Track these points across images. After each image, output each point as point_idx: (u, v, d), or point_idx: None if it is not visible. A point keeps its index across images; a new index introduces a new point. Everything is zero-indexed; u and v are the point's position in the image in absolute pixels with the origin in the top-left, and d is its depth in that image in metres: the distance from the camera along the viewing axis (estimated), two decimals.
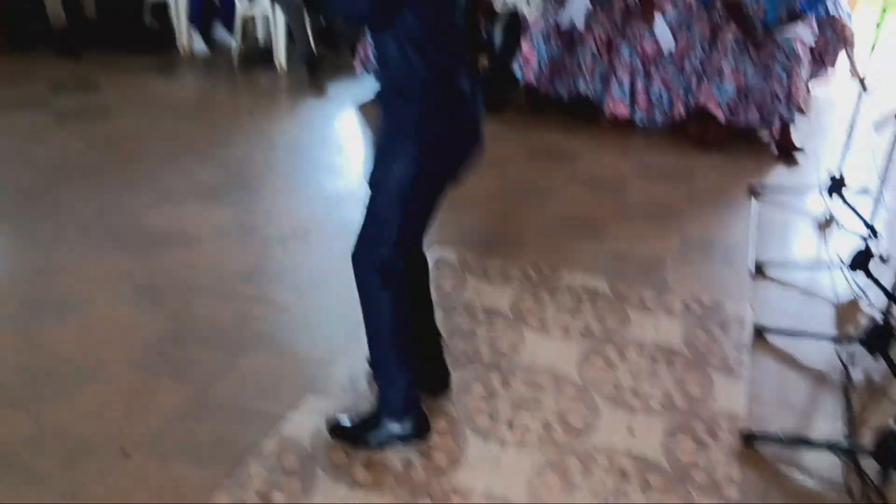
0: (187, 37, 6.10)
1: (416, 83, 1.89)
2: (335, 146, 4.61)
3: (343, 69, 5.74)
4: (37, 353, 2.52)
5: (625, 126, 4.92)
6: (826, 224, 3.76)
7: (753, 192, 4.07)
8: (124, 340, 2.61)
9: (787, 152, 4.61)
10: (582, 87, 4.96)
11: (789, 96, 4.50)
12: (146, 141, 4.42)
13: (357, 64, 5.25)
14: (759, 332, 2.79)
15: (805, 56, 4.62)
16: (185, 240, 3.31)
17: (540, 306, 2.94)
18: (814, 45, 4.83)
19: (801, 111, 4.79)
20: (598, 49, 4.89)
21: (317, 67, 5.66)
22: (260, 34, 6.36)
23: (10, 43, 5.78)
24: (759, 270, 3.25)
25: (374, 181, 1.99)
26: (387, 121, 1.98)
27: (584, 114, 5.04)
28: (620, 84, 4.85)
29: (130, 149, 4.28)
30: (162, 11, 6.18)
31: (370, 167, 2.00)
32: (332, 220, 3.60)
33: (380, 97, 2.04)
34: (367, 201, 2.03)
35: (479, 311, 2.89)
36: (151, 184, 3.85)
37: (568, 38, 4.92)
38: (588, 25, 4.89)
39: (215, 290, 2.94)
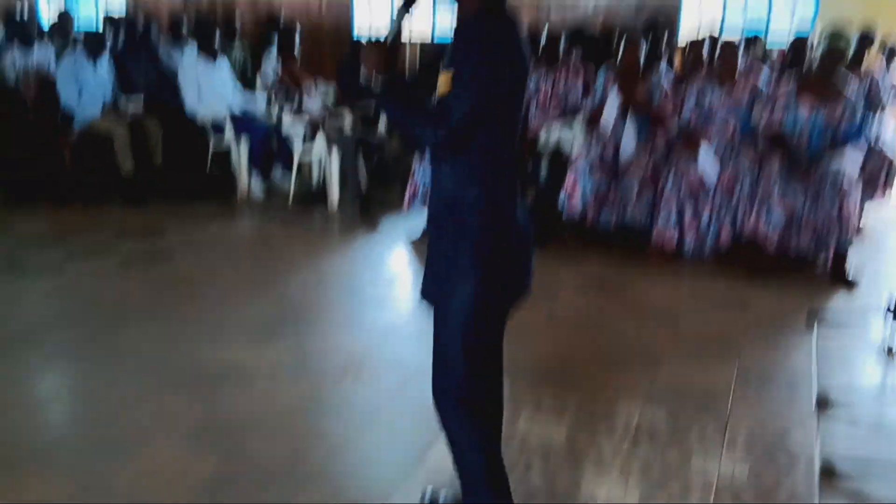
0: (247, 182, 6.41)
1: (474, 215, 1.93)
2: (385, 281, 4.71)
3: (393, 205, 5.94)
4: (87, 496, 2.51)
5: (673, 255, 4.93)
6: (891, 351, 3.64)
7: (811, 319, 3.98)
8: (178, 483, 2.60)
9: (842, 280, 4.54)
10: (628, 217, 5.02)
11: (841, 224, 4.48)
12: (205, 282, 4.57)
13: (406, 200, 5.43)
14: (827, 469, 2.66)
15: (854, 183, 4.63)
16: (240, 377, 3.35)
17: (596, 440, 2.86)
18: (863, 173, 4.85)
19: (855, 239, 4.74)
20: (643, 180, 4.98)
21: (368, 205, 5.86)
22: (314, 175, 6.65)
23: (81, 195, 6.12)
24: (824, 402, 3.14)
25: (437, 315, 2.03)
26: (444, 252, 2.01)
27: (631, 244, 5.08)
28: (667, 214, 4.90)
29: (190, 289, 4.43)
30: (224, 158, 6.54)
31: (434, 300, 2.05)
32: (383, 354, 3.61)
33: (436, 227, 2.06)
34: (434, 332, 2.05)
35: (533, 445, 2.83)
36: (209, 323, 3.95)
37: (612, 170, 5.03)
38: (633, 156, 5.00)
39: (269, 427, 2.94)
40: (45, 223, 5.65)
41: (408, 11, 2.05)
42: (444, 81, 1.88)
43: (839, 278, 4.55)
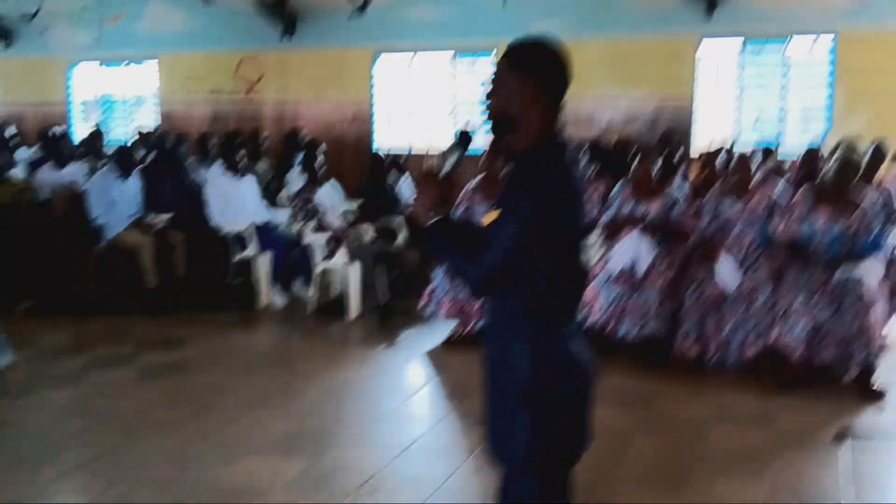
0: (268, 292, 6.47)
1: (525, 347, 1.89)
2: (403, 394, 4.65)
3: (412, 316, 5.93)
4: None
5: (695, 367, 4.85)
6: None
7: (841, 437, 3.86)
8: None
9: (869, 394, 4.43)
10: (649, 328, 4.97)
11: (865, 337, 4.41)
12: (222, 394, 4.54)
13: (422, 304, 5.47)
14: None
15: (877, 295, 4.59)
16: (255, 494, 3.28)
17: None
18: (884, 284, 4.81)
19: (880, 352, 4.65)
20: (663, 291, 4.96)
21: (387, 316, 5.87)
22: (334, 286, 6.70)
23: (105, 306, 6.21)
24: None
25: (501, 453, 1.98)
26: (498, 382, 1.98)
27: (653, 356, 5.01)
28: (689, 325, 4.86)
29: (207, 402, 4.39)
30: (246, 270, 6.63)
31: (491, 433, 2.00)
32: (400, 472, 3.53)
33: (492, 377, 2.01)
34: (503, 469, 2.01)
35: None
36: (225, 438, 3.90)
37: (632, 282, 5.02)
38: (651, 268, 5.00)
39: None
40: (68, 334, 5.70)
41: (464, 149, 2.08)
42: (491, 217, 1.91)
43: (866, 391, 4.44)
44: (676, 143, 7.20)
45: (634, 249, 5.02)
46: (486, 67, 8.72)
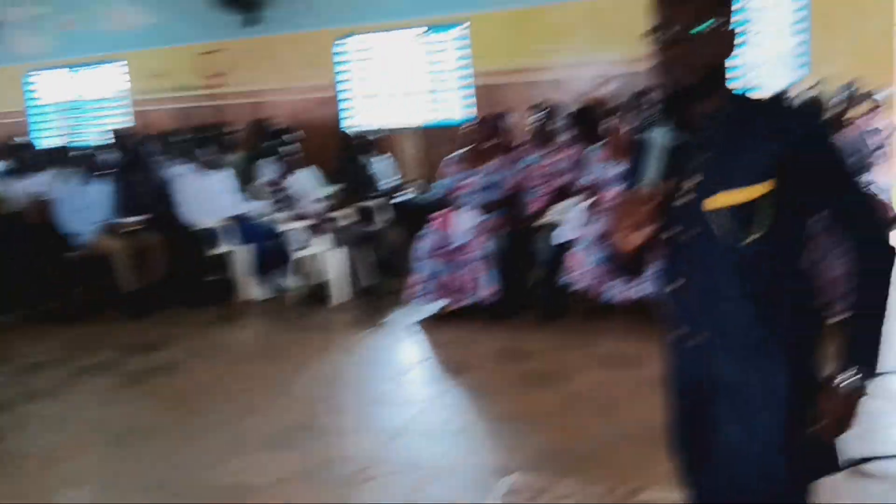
0: (248, 286, 6.37)
1: (783, 355, 1.57)
2: (392, 377, 4.59)
3: (397, 296, 5.87)
4: None
5: None
6: None
7: None
8: None
9: None
10: (639, 289, 4.92)
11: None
12: (210, 393, 4.46)
13: (408, 292, 5.41)
14: None
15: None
16: (249, 491, 3.22)
17: None
18: None
19: None
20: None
21: (371, 299, 5.80)
22: (314, 273, 6.61)
23: (83, 311, 6.11)
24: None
25: (728, 447, 1.62)
26: (737, 408, 1.61)
27: (643, 316, 4.97)
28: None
29: (195, 403, 4.32)
30: (223, 263, 6.52)
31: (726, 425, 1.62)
32: (394, 457, 3.48)
33: (722, 373, 1.63)
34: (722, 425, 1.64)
35: None
36: (215, 437, 3.83)
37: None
38: None
39: None
40: (50, 344, 5.59)
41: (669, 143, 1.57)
42: (747, 194, 1.51)
43: None
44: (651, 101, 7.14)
45: None
46: (455, 39, 8.59)
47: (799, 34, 7.37)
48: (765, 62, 7.95)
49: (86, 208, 6.15)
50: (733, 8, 1.53)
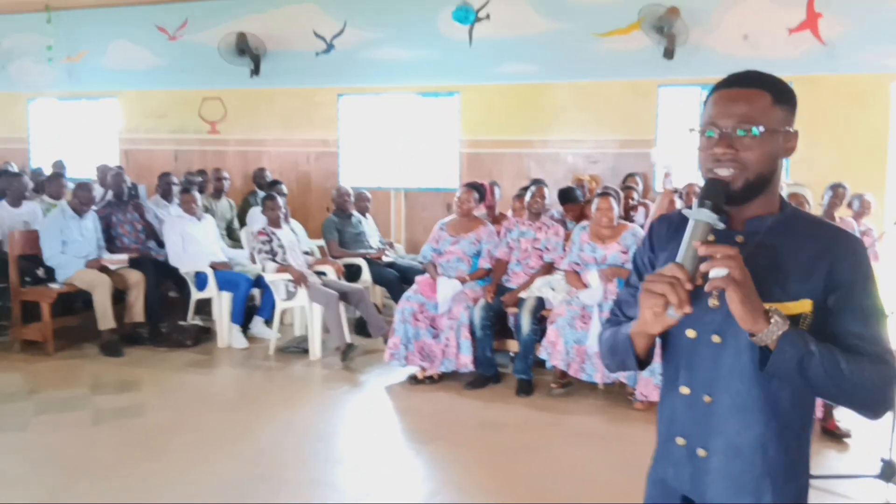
0: (228, 333, 6.36)
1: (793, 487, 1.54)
2: (362, 437, 4.55)
3: (374, 355, 5.89)
4: None
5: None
6: None
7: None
8: None
9: (833, 435, 4.43)
10: (623, 373, 4.96)
11: None
12: (175, 436, 4.41)
13: (387, 354, 5.42)
14: None
15: None
16: None
17: None
18: None
19: None
20: None
21: (349, 355, 5.80)
22: (296, 325, 6.63)
23: (60, 348, 6.08)
24: None
25: None
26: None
27: (616, 395, 5.00)
28: (652, 366, 4.85)
29: (159, 444, 4.27)
30: (205, 309, 6.52)
31: None
32: None
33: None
34: None
35: None
36: (174, 482, 3.77)
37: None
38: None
39: None
40: (21, 376, 5.53)
41: (721, 219, 1.44)
42: (792, 309, 1.46)
43: (830, 434, 4.44)
44: (636, 186, 7.32)
45: (598, 292, 5.03)
46: (450, 106, 8.80)
47: None
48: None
49: (71, 242, 6.15)
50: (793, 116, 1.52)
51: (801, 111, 1.54)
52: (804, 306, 1.45)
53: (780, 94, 1.49)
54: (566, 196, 6.74)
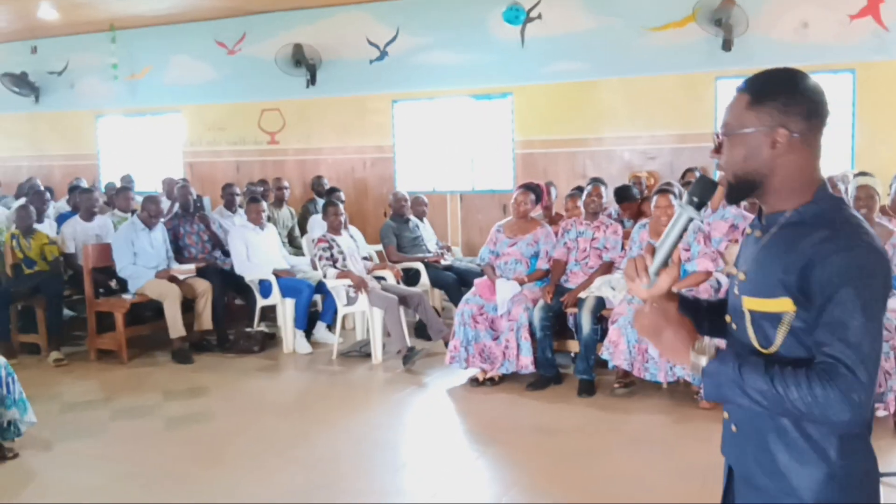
0: (292, 339, 6.50)
1: (822, 469, 1.49)
2: (427, 442, 4.60)
3: (435, 358, 5.94)
4: None
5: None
6: None
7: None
8: None
9: None
10: (678, 369, 4.90)
11: None
12: (242, 443, 4.51)
13: (448, 357, 5.46)
14: None
15: None
16: None
17: None
18: None
19: None
20: None
21: (411, 358, 5.87)
22: (358, 330, 6.74)
23: (132, 356, 6.31)
24: None
25: None
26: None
27: (681, 396, 4.94)
28: None
29: (227, 452, 4.37)
30: (270, 316, 6.67)
31: None
32: None
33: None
34: None
35: None
36: (234, 490, 3.84)
37: None
38: None
39: None
40: (95, 385, 5.75)
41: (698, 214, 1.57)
42: (766, 306, 1.50)
43: None
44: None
45: None
46: (504, 107, 8.80)
47: (847, 127, 7.39)
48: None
49: (141, 254, 6.37)
50: (789, 119, 1.49)
51: (861, 99, 1.52)
52: (783, 305, 1.47)
53: (760, 94, 1.51)
54: (623, 194, 6.69)
